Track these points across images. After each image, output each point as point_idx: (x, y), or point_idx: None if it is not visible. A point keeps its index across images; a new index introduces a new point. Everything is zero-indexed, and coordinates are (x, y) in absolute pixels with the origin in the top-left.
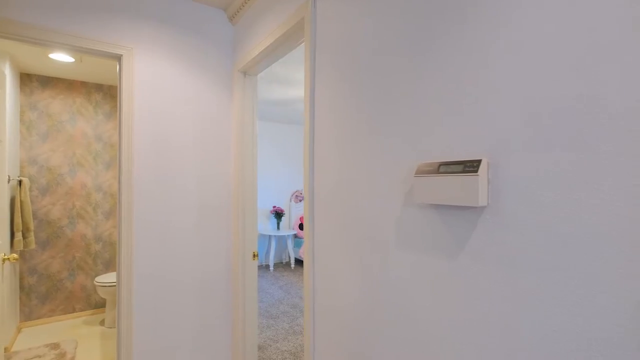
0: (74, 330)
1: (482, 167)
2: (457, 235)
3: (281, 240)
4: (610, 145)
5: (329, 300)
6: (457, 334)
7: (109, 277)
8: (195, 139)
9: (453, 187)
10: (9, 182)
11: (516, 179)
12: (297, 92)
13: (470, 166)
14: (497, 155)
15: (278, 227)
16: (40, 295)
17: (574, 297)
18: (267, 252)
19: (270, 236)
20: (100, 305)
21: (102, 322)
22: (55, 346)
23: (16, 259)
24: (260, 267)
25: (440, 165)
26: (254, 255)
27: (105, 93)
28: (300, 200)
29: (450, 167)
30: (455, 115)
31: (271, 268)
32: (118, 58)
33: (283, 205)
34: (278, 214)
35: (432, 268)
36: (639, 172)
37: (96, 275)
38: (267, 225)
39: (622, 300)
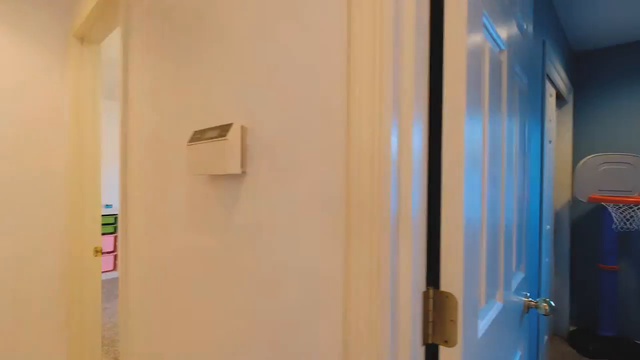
0: None
1: (233, 132)
2: (227, 208)
3: None
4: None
5: (137, 290)
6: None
7: None
8: (10, 123)
9: (211, 154)
10: None
11: (265, 146)
12: None
13: (224, 131)
14: (254, 120)
15: None
16: None
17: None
18: None
19: None
20: None
21: None
22: None
23: None
24: None
25: (205, 131)
26: (97, 251)
27: None
28: None
29: (210, 133)
30: (225, 81)
31: None
32: None
33: None
34: None
35: (207, 246)
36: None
37: None
38: None
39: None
